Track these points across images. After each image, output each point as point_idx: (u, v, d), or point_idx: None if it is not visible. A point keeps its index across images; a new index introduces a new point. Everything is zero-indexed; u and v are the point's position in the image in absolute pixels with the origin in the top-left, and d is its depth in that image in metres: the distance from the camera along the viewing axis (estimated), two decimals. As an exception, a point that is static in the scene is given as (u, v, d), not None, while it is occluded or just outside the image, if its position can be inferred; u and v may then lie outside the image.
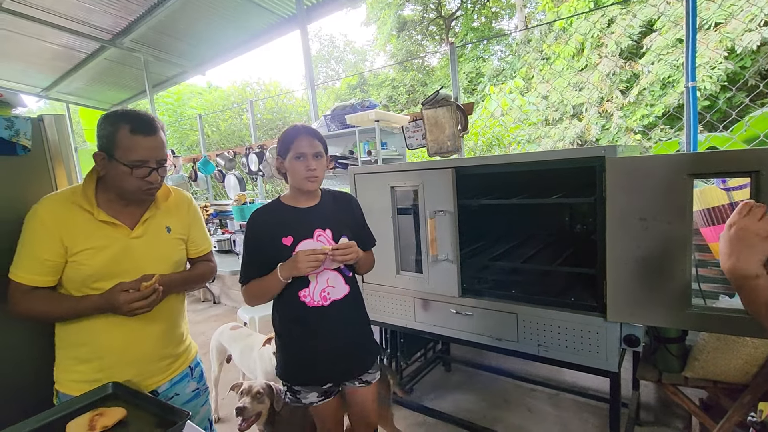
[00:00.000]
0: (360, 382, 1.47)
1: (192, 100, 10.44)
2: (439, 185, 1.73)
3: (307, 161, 1.30)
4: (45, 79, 6.59)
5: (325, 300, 1.35)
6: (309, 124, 1.45)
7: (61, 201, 1.13)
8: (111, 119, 1.10)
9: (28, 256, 1.09)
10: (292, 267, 1.26)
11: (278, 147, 1.37)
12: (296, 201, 1.39)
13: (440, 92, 2.65)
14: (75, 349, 1.18)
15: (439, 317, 1.84)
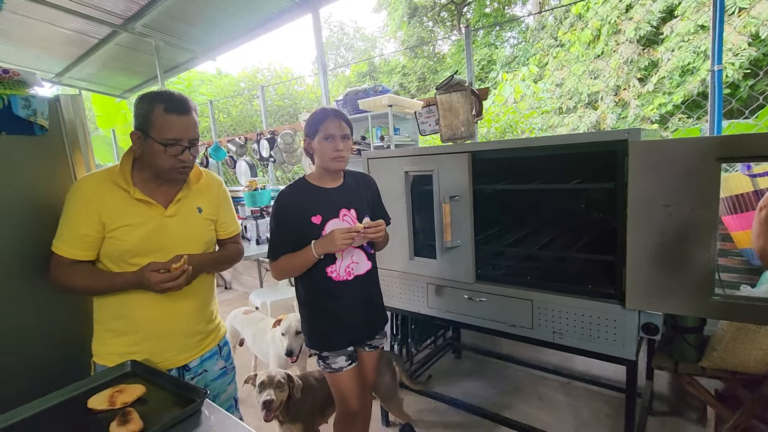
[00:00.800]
0: (369, 347, 1.62)
1: (202, 87, 10.43)
2: (455, 170, 1.71)
3: (336, 142, 1.37)
4: (58, 64, 6.62)
5: (349, 275, 1.47)
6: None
7: (101, 179, 1.17)
8: (147, 99, 1.14)
9: (69, 230, 1.14)
10: (329, 244, 1.34)
11: (306, 128, 1.43)
12: (322, 181, 1.47)
13: (454, 77, 2.60)
14: (112, 322, 1.23)
15: (452, 303, 1.83)
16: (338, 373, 1.50)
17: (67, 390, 1.04)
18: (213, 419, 0.94)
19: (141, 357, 1.20)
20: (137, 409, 0.95)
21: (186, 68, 6.58)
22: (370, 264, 1.54)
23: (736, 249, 1.91)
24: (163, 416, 0.94)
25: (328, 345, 1.51)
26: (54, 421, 0.96)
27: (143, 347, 1.23)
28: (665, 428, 2.11)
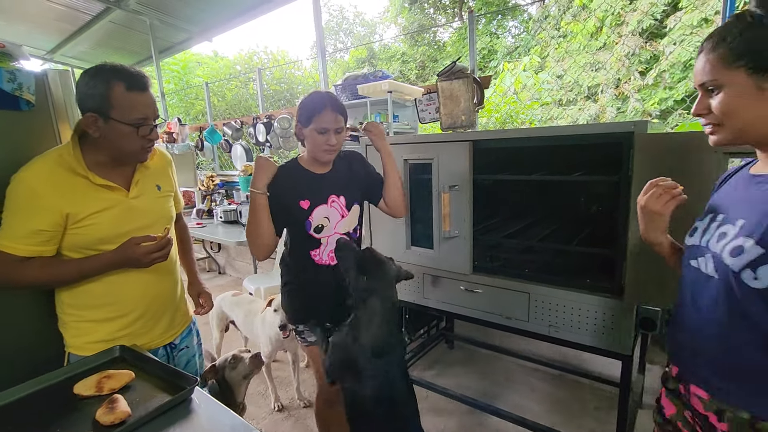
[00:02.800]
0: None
1: (198, 69, 10.23)
2: (455, 159, 1.67)
3: (329, 136, 1.35)
4: (49, 41, 6.46)
5: (332, 260, 1.46)
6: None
7: (52, 167, 1.05)
8: (102, 76, 1.02)
9: (20, 226, 1.03)
10: (258, 172, 1.35)
11: (300, 113, 1.39)
12: (313, 166, 1.46)
13: (456, 64, 2.55)
14: (95, 311, 1.16)
15: (448, 294, 1.82)
16: (314, 346, 1.52)
17: (53, 375, 1.02)
18: (203, 407, 0.92)
19: (129, 340, 1.18)
20: (125, 395, 0.93)
21: (181, 49, 6.43)
22: None
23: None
24: (151, 403, 0.92)
25: (303, 316, 1.52)
26: (38, 407, 0.93)
27: (131, 329, 1.20)
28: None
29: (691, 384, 0.85)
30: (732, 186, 0.86)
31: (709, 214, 0.85)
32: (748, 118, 0.74)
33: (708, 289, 0.79)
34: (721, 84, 0.74)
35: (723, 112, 0.75)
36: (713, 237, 0.80)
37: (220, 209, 3.90)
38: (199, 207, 4.43)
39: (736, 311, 0.75)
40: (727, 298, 0.75)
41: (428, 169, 1.77)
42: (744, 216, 0.76)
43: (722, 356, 0.78)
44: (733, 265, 0.73)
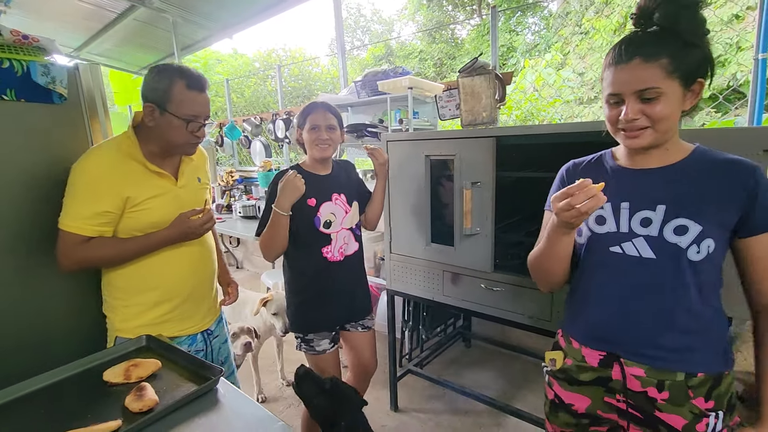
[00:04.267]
0: (362, 327, 1.68)
1: (217, 67, 10.38)
2: (478, 155, 1.65)
3: (320, 132, 1.48)
4: (76, 39, 6.61)
5: (342, 255, 1.57)
6: (337, 92, 1.65)
7: (114, 153, 1.14)
8: (168, 73, 1.12)
9: (86, 207, 1.10)
10: (286, 193, 1.37)
11: (298, 120, 1.56)
12: (314, 168, 1.57)
13: (478, 60, 2.51)
14: (144, 294, 1.23)
15: (468, 292, 1.80)
16: (321, 355, 1.56)
17: (84, 362, 1.04)
18: (228, 397, 0.93)
19: (174, 324, 1.26)
20: (152, 383, 0.94)
21: (202, 46, 6.51)
22: (358, 245, 1.64)
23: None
24: (177, 393, 0.93)
25: (313, 327, 1.57)
26: (71, 392, 0.95)
27: (176, 314, 1.26)
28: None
29: (627, 366, 0.89)
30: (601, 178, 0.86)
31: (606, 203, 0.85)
32: (671, 123, 0.82)
33: (642, 270, 0.86)
34: (663, 92, 0.79)
35: (660, 118, 0.80)
36: (632, 222, 0.88)
37: (239, 204, 3.95)
38: (218, 202, 4.50)
39: (673, 284, 0.84)
40: (667, 274, 0.84)
41: (449, 166, 1.75)
42: (662, 201, 0.85)
43: (659, 328, 0.86)
44: (680, 242, 0.83)
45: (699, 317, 0.84)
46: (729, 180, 0.83)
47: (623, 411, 0.92)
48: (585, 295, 0.98)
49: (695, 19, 0.81)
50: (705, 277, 0.83)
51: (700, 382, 0.84)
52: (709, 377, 0.85)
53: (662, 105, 0.80)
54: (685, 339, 0.85)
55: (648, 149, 0.88)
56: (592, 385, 0.95)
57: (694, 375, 0.84)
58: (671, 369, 0.85)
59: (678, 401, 0.85)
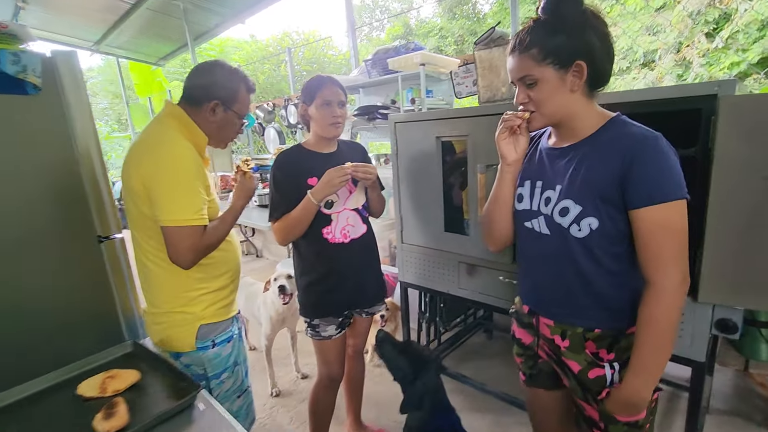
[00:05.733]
0: (366, 314, 1.64)
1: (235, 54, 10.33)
2: (493, 134, 1.48)
3: (333, 108, 1.41)
4: (95, 32, 6.67)
5: (346, 237, 1.47)
6: (349, 73, 1.51)
7: (186, 142, 1.15)
8: (237, 76, 1.23)
9: (198, 198, 1.12)
10: (324, 185, 1.34)
11: (303, 95, 1.45)
12: (318, 147, 1.49)
13: (496, 30, 2.29)
14: (218, 280, 1.26)
15: (486, 284, 1.65)
16: (326, 340, 1.53)
17: (60, 373, 0.97)
18: (207, 416, 0.84)
19: (234, 304, 1.32)
20: (129, 396, 0.86)
21: (216, 33, 6.45)
22: (366, 227, 1.54)
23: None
24: (153, 409, 0.84)
25: (320, 312, 1.51)
26: (38, 409, 0.88)
27: (233, 296, 1.33)
28: (723, 428, 1.89)
29: (541, 317, 1.03)
30: (537, 156, 1.03)
31: (527, 181, 1.02)
32: (555, 105, 0.90)
33: (543, 243, 0.97)
34: (536, 78, 0.88)
35: (538, 101, 0.90)
36: (541, 202, 0.97)
37: (256, 192, 3.89)
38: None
39: (565, 257, 0.93)
40: (559, 248, 0.94)
41: (463, 147, 1.59)
42: (559, 182, 0.93)
43: (558, 291, 0.97)
44: (562, 222, 0.92)
45: (592, 283, 0.92)
46: (615, 153, 0.85)
47: (546, 352, 1.08)
48: (521, 264, 1.11)
49: (573, 9, 0.85)
50: (598, 249, 0.89)
51: (598, 336, 0.94)
52: (607, 332, 0.93)
53: (538, 89, 0.89)
54: (579, 300, 0.94)
55: (556, 128, 0.97)
56: (527, 327, 1.11)
57: (591, 330, 0.94)
58: (570, 322, 0.97)
59: (576, 349, 0.96)
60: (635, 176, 0.81)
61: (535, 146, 1.06)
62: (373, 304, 1.63)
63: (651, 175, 0.80)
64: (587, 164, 0.88)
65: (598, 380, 0.93)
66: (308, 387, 2.27)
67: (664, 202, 0.80)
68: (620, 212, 0.86)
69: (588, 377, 0.94)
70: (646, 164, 0.80)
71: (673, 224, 0.81)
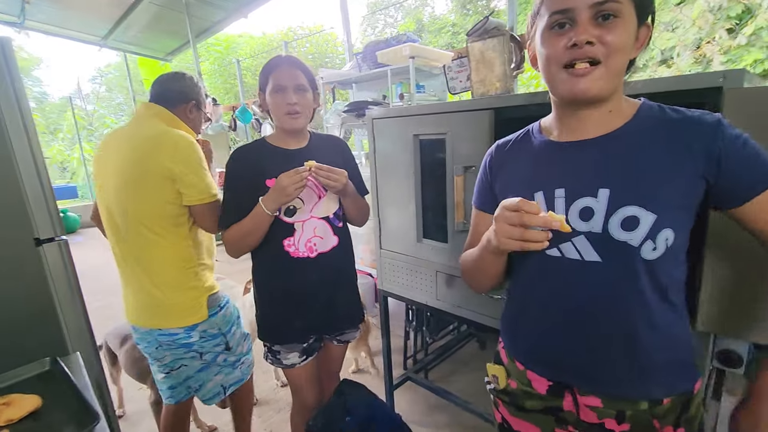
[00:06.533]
0: (338, 341, 1.45)
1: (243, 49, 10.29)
2: (472, 132, 1.34)
3: (287, 94, 1.18)
4: (102, 27, 6.68)
5: (312, 251, 1.27)
6: (344, 66, 1.34)
7: None
8: (200, 85, 1.47)
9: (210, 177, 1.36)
10: (278, 192, 1.14)
11: (260, 80, 1.25)
12: (282, 142, 1.29)
13: (490, 20, 2.13)
14: (208, 255, 1.46)
15: (464, 297, 1.51)
16: (290, 369, 1.35)
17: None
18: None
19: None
20: (21, 428, 0.75)
21: (219, 28, 6.40)
22: (337, 240, 1.31)
23: None
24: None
25: (279, 337, 1.32)
26: None
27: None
28: (732, 460, 1.71)
29: (580, 396, 0.72)
30: (535, 158, 0.77)
31: (537, 192, 0.73)
32: (623, 61, 0.65)
33: (587, 277, 0.69)
34: (620, 11, 0.62)
35: (616, 48, 0.63)
36: (573, 216, 0.69)
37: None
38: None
39: (626, 292, 0.67)
40: (618, 279, 0.67)
41: (442, 146, 1.45)
42: (604, 184, 0.67)
43: (613, 347, 0.69)
44: (630, 240, 0.65)
45: (661, 328, 0.68)
46: (688, 141, 0.64)
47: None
48: (523, 308, 0.81)
49: None
50: (665, 276, 0.66)
51: (667, 409, 0.69)
52: (677, 401, 0.69)
53: (620, 31, 0.63)
54: (646, 357, 0.68)
55: (590, 105, 0.69)
56: (541, 414, 0.79)
57: (659, 401, 0.69)
58: (631, 396, 0.70)
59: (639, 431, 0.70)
60: (732, 162, 0.63)
61: (525, 145, 0.82)
62: (346, 329, 1.43)
63: (752, 152, 0.63)
64: (645, 158, 0.66)
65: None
66: (288, 396, 2.17)
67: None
68: (692, 219, 0.67)
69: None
70: (740, 145, 0.63)
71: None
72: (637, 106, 0.71)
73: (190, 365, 1.43)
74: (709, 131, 0.64)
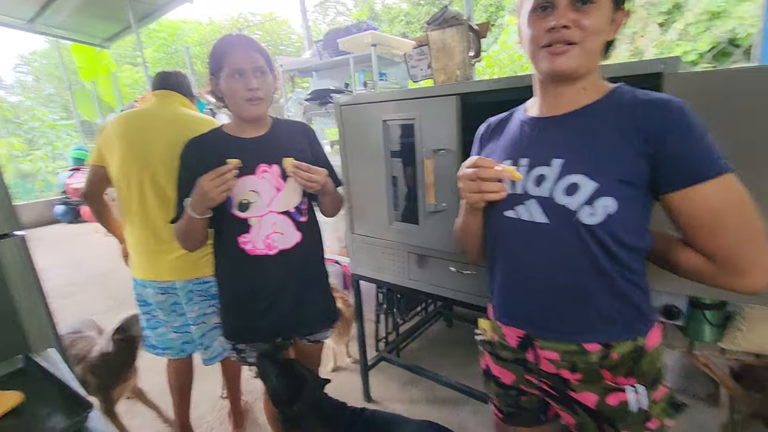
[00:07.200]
0: (309, 341, 1.38)
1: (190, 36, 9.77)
2: (440, 118, 1.40)
3: (247, 79, 1.09)
4: (27, 9, 6.09)
5: (270, 248, 1.17)
6: (302, 53, 1.27)
7: None
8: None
9: None
10: (200, 196, 1.04)
11: (210, 65, 1.14)
12: (240, 130, 1.19)
13: (449, 9, 2.20)
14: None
15: (437, 275, 1.59)
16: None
17: None
18: (97, 441, 0.72)
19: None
20: (4, 424, 0.73)
21: (163, 12, 6.05)
22: (300, 235, 1.21)
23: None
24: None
25: (243, 337, 1.26)
26: None
27: None
28: (671, 408, 1.93)
29: (541, 350, 0.82)
30: (513, 131, 0.85)
31: (507, 161, 0.82)
32: (599, 43, 0.72)
33: (538, 236, 0.77)
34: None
35: (592, 31, 0.70)
36: (529, 182, 0.77)
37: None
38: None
39: (572, 252, 0.73)
40: (565, 239, 0.73)
41: (411, 131, 1.50)
42: (559, 155, 0.75)
43: (567, 300, 0.77)
44: (569, 203, 0.72)
45: (608, 285, 0.74)
46: (639, 123, 0.70)
47: (543, 389, 0.88)
48: (492, 266, 0.89)
49: None
50: (613, 240, 0.71)
51: (618, 362, 0.77)
52: (628, 355, 0.77)
53: (596, 16, 0.69)
54: (593, 311, 0.76)
55: (566, 81, 0.75)
56: (513, 363, 0.91)
57: (608, 354, 0.76)
58: (581, 342, 0.78)
59: (591, 380, 0.79)
60: (676, 148, 0.67)
61: (509, 122, 0.89)
62: (315, 330, 1.35)
63: (694, 145, 0.67)
64: (602, 133, 0.72)
65: (621, 406, 0.77)
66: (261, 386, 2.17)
67: (721, 174, 0.66)
68: (644, 196, 0.72)
69: (608, 405, 0.78)
70: (685, 134, 0.67)
71: (742, 196, 0.67)
72: (611, 88, 0.77)
73: (208, 323, 1.61)
74: (665, 116, 0.69)
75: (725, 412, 1.69)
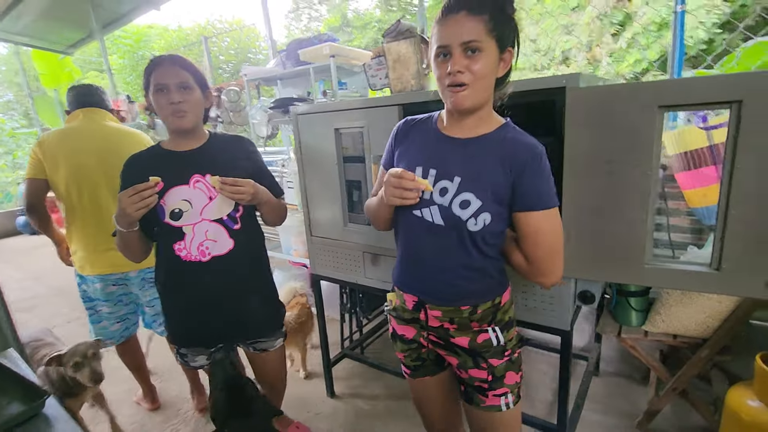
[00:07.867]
0: (255, 349, 1.42)
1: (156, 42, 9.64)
2: (386, 125, 1.51)
3: (169, 94, 1.16)
4: (-16, 14, 5.92)
5: (204, 255, 1.23)
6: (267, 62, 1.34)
7: None
8: None
9: None
10: (120, 211, 1.11)
11: (143, 81, 1.21)
12: (175, 144, 1.26)
13: (402, 22, 2.33)
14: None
15: (388, 272, 1.70)
16: (200, 370, 1.40)
17: None
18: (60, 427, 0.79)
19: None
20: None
21: (128, 20, 5.99)
22: (233, 243, 1.25)
23: (687, 208, 1.82)
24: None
25: (184, 341, 1.33)
26: None
27: None
28: (608, 388, 2.10)
29: (429, 310, 1.06)
30: (427, 140, 1.03)
31: (419, 167, 1.00)
32: (488, 84, 0.90)
33: (436, 234, 0.99)
34: (482, 47, 0.85)
35: (480, 75, 0.87)
36: (435, 191, 0.97)
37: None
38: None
39: (459, 248, 0.98)
40: (454, 240, 0.97)
41: (361, 138, 1.62)
42: (458, 174, 0.95)
43: (448, 279, 1.01)
44: (461, 215, 0.95)
45: (478, 270, 1.00)
46: (511, 157, 0.92)
47: (432, 340, 1.11)
48: (399, 248, 1.13)
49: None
50: (483, 241, 0.97)
51: (482, 315, 1.03)
52: (489, 310, 1.03)
53: (482, 62, 0.86)
54: (466, 287, 1.01)
55: (466, 114, 0.95)
56: (411, 322, 1.12)
57: (475, 311, 1.02)
58: (458, 307, 1.02)
59: (463, 329, 1.04)
60: (528, 182, 0.91)
61: (424, 128, 1.06)
62: (260, 336, 1.39)
63: (539, 183, 0.91)
64: (488, 162, 0.93)
65: (486, 343, 1.03)
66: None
67: (549, 207, 0.92)
68: (505, 210, 0.96)
69: (477, 343, 1.03)
70: (536, 173, 0.91)
71: (558, 226, 0.95)
72: (501, 123, 0.98)
73: (156, 306, 1.84)
74: (528, 157, 0.91)
75: (652, 389, 1.87)
